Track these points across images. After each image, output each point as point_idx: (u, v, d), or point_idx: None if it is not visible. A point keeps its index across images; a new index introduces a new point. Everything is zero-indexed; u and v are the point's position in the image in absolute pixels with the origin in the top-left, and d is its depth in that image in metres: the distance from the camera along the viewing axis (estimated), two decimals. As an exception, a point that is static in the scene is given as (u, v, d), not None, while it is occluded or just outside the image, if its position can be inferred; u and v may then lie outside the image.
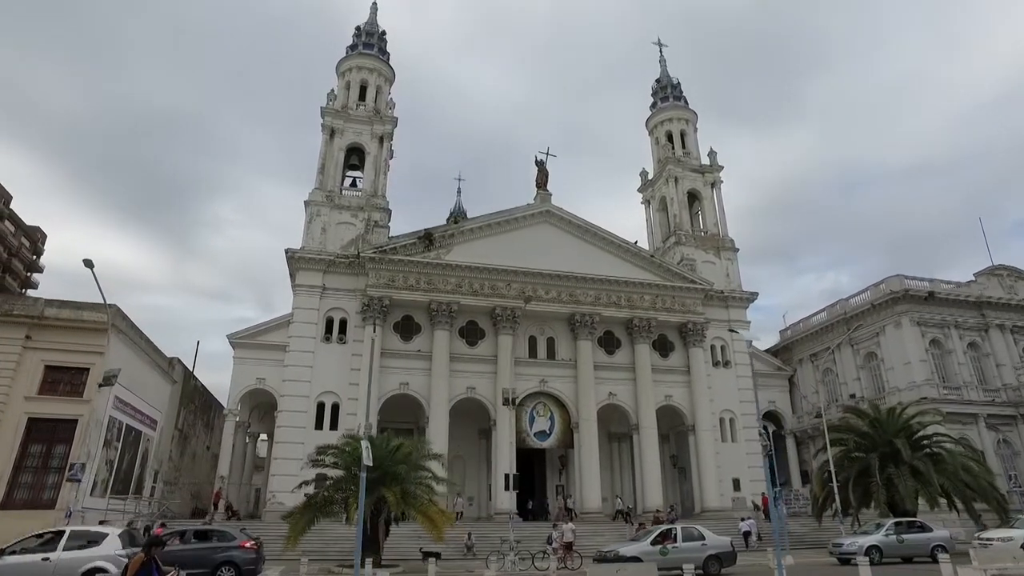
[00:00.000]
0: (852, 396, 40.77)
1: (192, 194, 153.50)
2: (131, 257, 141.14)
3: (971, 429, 37.81)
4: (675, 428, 45.05)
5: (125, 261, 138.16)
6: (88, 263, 19.65)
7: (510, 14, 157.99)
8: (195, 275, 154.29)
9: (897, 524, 22.97)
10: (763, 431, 16.04)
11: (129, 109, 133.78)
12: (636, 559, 18.30)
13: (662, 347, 44.52)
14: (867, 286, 42.38)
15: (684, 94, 54.92)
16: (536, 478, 44.24)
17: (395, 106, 47.62)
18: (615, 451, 45.58)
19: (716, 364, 44.88)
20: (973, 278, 43.82)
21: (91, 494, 25.94)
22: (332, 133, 44.60)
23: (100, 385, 22.81)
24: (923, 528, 23.18)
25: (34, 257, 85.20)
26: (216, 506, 35.16)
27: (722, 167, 51.46)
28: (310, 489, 21.47)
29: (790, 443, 45.27)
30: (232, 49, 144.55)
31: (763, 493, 40.02)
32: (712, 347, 45.19)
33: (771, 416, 45.92)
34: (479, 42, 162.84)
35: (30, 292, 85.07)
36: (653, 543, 19.51)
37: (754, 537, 30.22)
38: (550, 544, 23.86)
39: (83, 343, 25.83)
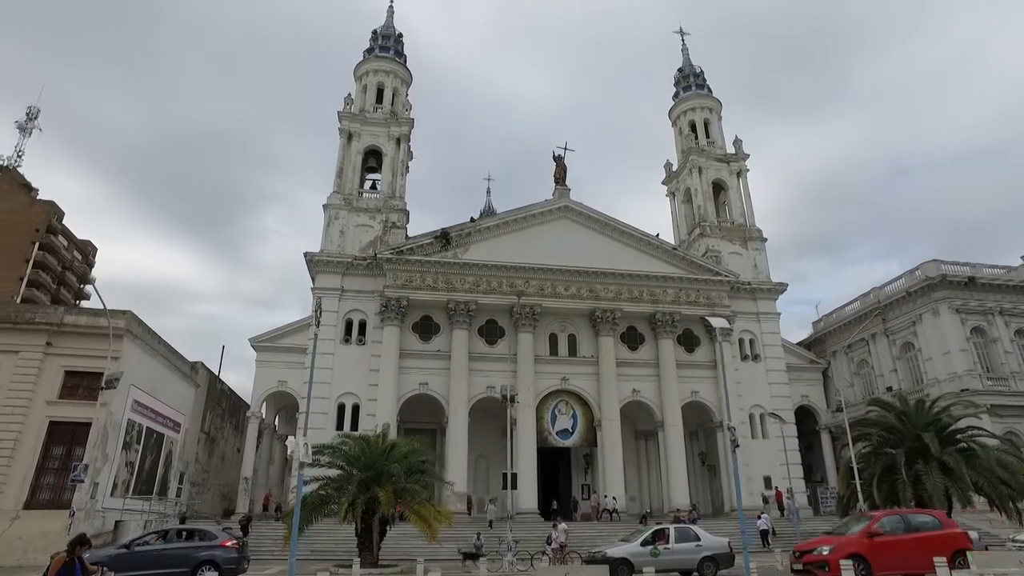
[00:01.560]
0: (889, 389, 38.78)
1: (241, 207, 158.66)
2: (188, 270, 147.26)
3: (1022, 423, 35.53)
4: (703, 425, 43.85)
5: (183, 274, 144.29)
6: (91, 279, 20.10)
7: (542, 13, 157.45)
8: (245, 284, 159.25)
9: None
10: (731, 428, 15.07)
11: (181, 127, 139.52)
12: (624, 561, 17.67)
13: (687, 342, 43.37)
14: (902, 273, 40.28)
15: (708, 82, 53.46)
16: (561, 477, 43.70)
17: (411, 107, 47.75)
18: (642, 449, 44.65)
19: (744, 358, 43.45)
20: (1022, 262, 41.18)
21: (111, 495, 26.75)
22: (349, 137, 45.04)
23: (102, 388, 23.38)
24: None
25: (87, 269, 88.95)
26: (266, 507, 36.65)
27: (748, 155, 49.87)
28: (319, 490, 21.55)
29: (825, 439, 43.44)
30: (274, 64, 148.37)
31: (776, 488, 38.59)
32: (740, 341, 43.80)
33: (805, 411, 44.16)
34: (512, 43, 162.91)
35: (83, 304, 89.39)
36: (644, 544, 18.76)
37: (771, 535, 28.89)
38: (549, 544, 23.37)
39: (100, 348, 26.53)
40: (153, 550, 16.84)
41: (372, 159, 46.34)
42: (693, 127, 51.67)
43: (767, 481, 40.37)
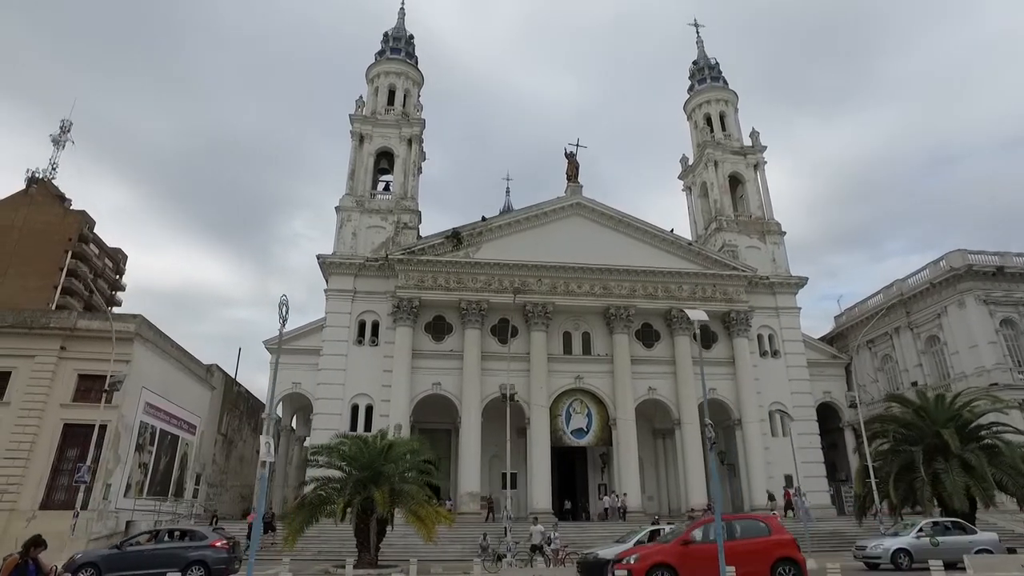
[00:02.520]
0: (914, 384, 37.48)
1: (271, 212, 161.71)
2: (221, 275, 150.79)
3: (1055, 419, 33.94)
4: (722, 423, 42.88)
5: (217, 280, 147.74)
6: (73, 273, 20.41)
7: (568, 15, 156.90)
8: (275, 288, 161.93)
9: (936, 524, 20.67)
10: (710, 424, 14.44)
11: (213, 136, 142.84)
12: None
13: (704, 338, 42.46)
14: (926, 263, 38.90)
15: (723, 74, 52.43)
16: (578, 477, 43.25)
17: (423, 108, 47.86)
18: (660, 448, 43.94)
19: (764, 354, 42.50)
20: (1057, 250, 39.46)
21: (124, 495, 27.25)
22: (361, 139, 45.26)
23: (105, 391, 23.80)
24: (964, 529, 20.63)
25: (116, 277, 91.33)
26: None
27: (765, 147, 48.79)
28: (318, 490, 21.60)
29: (848, 436, 42.18)
30: (303, 71, 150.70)
31: (784, 488, 37.62)
32: (759, 336, 42.85)
33: (827, 408, 42.98)
34: (535, 45, 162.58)
35: (115, 310, 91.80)
36: (637, 544, 18.31)
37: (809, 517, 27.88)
38: (549, 544, 22.99)
39: (111, 352, 27.14)
40: (144, 550, 17.04)
41: (384, 160, 46.50)
42: (709, 120, 50.76)
43: (788, 480, 39.33)
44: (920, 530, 20.27)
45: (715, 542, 13.47)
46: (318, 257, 40.68)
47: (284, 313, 13.10)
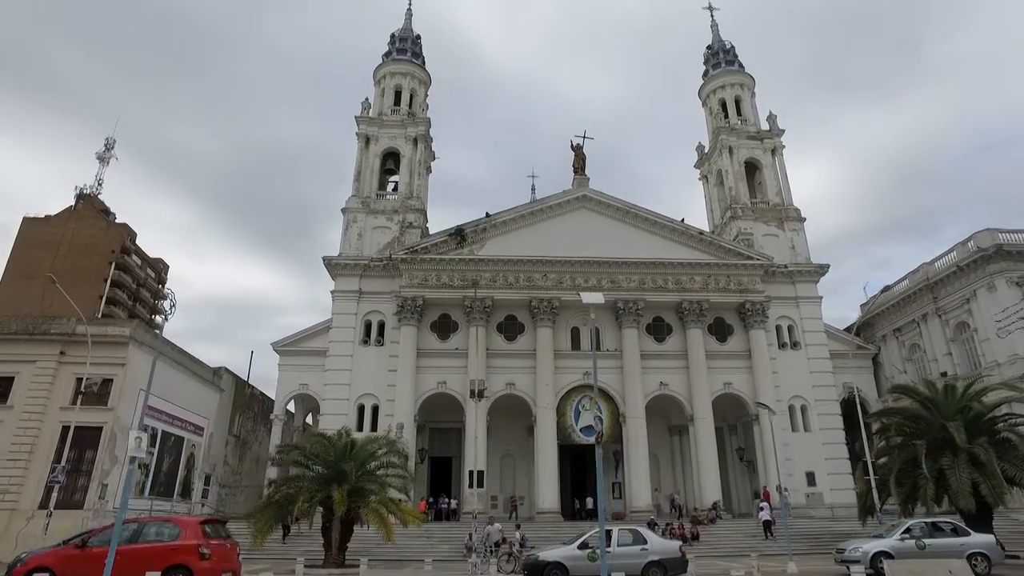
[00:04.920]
0: (943, 375, 35.10)
1: (317, 220, 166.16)
2: (274, 283, 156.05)
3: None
4: (740, 419, 41.36)
5: (269, 288, 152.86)
6: (51, 279, 20.97)
7: (603, 15, 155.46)
8: (323, 295, 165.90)
9: (930, 525, 19.00)
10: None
11: (260, 148, 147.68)
12: (558, 565, 16.44)
13: (719, 331, 41.05)
14: (953, 245, 36.35)
15: (739, 57, 50.54)
16: (591, 475, 42.23)
17: (428, 108, 47.83)
18: (676, 444, 42.58)
19: (783, 346, 40.68)
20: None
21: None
22: (367, 140, 45.44)
23: (82, 393, 24.34)
24: (957, 531, 18.88)
25: (159, 286, 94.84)
26: None
27: (783, 131, 46.77)
28: (283, 488, 21.57)
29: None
30: (342, 81, 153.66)
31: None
32: (778, 327, 41.05)
33: (853, 401, 40.67)
34: (571, 45, 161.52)
35: (157, 318, 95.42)
36: (581, 547, 17.44)
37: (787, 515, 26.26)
38: (522, 546, 22.29)
39: (108, 356, 27.90)
40: None
41: (391, 161, 46.60)
42: (724, 106, 48.98)
43: (810, 477, 37.61)
44: (907, 531, 18.70)
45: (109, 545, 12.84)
46: (324, 259, 40.99)
47: (171, 308, 12.93)
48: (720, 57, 50.56)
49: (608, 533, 16.46)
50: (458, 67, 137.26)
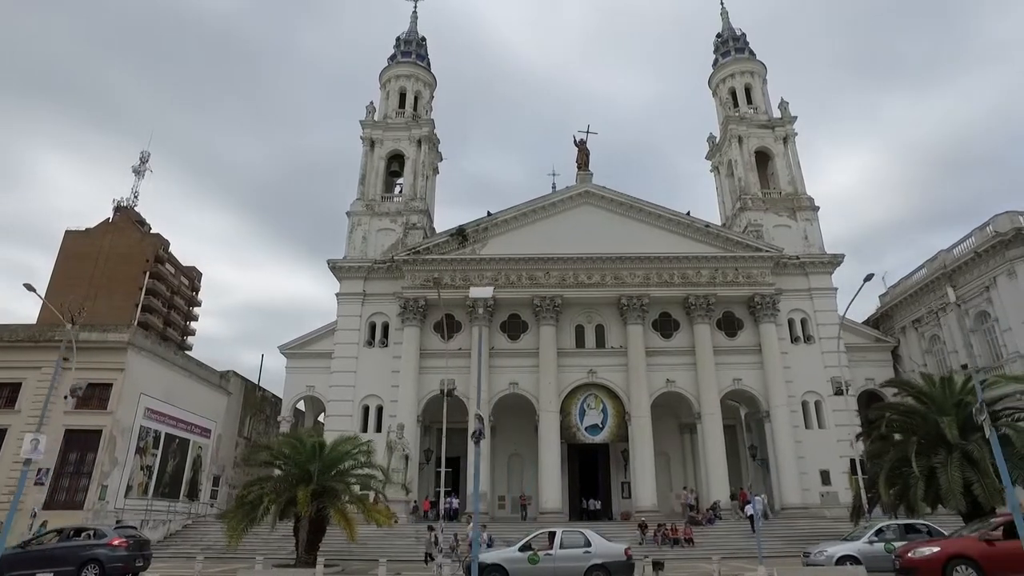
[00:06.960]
0: (964, 367, 33.31)
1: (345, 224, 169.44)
2: (314, 289, 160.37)
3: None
4: (752, 416, 40.05)
5: (311, 293, 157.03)
6: (29, 287, 21.63)
7: (636, 15, 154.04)
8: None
9: (903, 527, 17.94)
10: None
11: (300, 157, 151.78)
12: (497, 567, 16.04)
13: (728, 325, 39.98)
14: (971, 230, 34.48)
15: (749, 45, 49.14)
16: (600, 475, 41.69)
17: (432, 110, 47.91)
18: (687, 443, 41.56)
19: (795, 340, 39.33)
20: None
21: (126, 496, 28.68)
22: (372, 144, 45.77)
23: (65, 397, 25.03)
24: (931, 533, 17.69)
25: (192, 294, 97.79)
26: None
27: (795, 117, 45.23)
28: (254, 487, 21.76)
29: (897, 427, 38.14)
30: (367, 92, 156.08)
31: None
32: (790, 321, 39.71)
33: (871, 396, 39.11)
34: (604, 46, 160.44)
35: (191, 324, 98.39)
36: (522, 548, 17.01)
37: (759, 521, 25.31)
38: (490, 546, 21.95)
39: (108, 361, 28.75)
40: (44, 549, 17.57)
41: (396, 164, 46.85)
42: (733, 94, 47.70)
43: (824, 476, 36.23)
44: (879, 533, 17.69)
45: None
46: (328, 262, 41.46)
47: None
48: (730, 45, 49.24)
49: (551, 535, 16.05)
50: (489, 69, 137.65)
